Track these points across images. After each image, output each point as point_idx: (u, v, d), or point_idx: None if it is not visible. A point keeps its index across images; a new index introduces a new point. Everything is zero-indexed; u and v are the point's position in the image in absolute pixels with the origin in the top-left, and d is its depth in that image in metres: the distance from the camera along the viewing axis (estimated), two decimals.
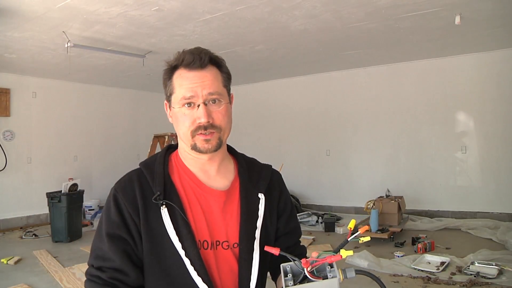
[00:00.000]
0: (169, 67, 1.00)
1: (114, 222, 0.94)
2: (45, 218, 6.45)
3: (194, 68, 0.97)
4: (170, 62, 1.00)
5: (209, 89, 0.96)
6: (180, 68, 0.98)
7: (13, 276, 3.99)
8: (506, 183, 5.66)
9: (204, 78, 0.97)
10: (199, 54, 0.98)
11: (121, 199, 0.96)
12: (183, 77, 0.97)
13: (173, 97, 0.99)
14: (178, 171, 1.03)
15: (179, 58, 0.99)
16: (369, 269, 3.82)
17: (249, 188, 1.05)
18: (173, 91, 0.99)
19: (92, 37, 4.54)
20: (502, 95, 5.70)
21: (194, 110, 0.96)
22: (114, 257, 0.92)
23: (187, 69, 0.97)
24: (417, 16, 4.16)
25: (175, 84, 0.98)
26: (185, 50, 0.99)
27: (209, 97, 0.96)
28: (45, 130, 6.80)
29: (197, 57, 0.97)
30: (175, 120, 1.01)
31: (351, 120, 6.99)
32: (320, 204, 7.25)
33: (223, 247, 0.98)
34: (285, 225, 1.10)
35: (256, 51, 5.45)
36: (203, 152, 0.98)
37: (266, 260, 1.03)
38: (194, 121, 0.96)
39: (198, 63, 0.97)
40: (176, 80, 0.98)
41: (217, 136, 0.98)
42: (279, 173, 1.16)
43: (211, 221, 0.99)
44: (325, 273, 0.79)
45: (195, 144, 0.97)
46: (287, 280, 0.80)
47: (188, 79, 0.96)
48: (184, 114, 0.96)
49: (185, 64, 0.97)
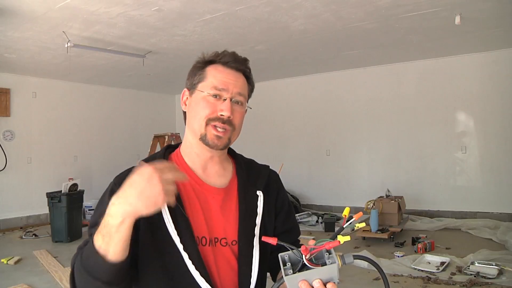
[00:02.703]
0: (204, 60, 1.04)
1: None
2: (45, 218, 6.45)
3: (231, 68, 1.02)
4: (206, 56, 1.05)
5: (239, 89, 1.01)
6: (216, 63, 1.03)
7: (13, 276, 3.99)
8: (506, 183, 5.66)
9: (237, 78, 1.02)
10: (238, 58, 1.04)
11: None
12: (218, 69, 1.02)
13: (202, 84, 1.01)
14: (178, 167, 1.03)
15: (218, 55, 1.03)
16: (369, 269, 3.82)
17: (247, 186, 1.06)
18: (203, 79, 1.02)
19: (92, 37, 4.54)
20: (502, 95, 5.70)
21: (219, 102, 0.99)
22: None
23: (224, 66, 1.02)
24: (417, 16, 4.16)
25: (208, 73, 1.01)
26: (225, 51, 1.04)
27: (236, 96, 1.00)
28: (45, 130, 6.80)
29: (236, 60, 1.03)
30: (193, 105, 1.02)
31: (351, 120, 6.99)
32: (320, 204, 7.25)
33: (222, 244, 0.99)
34: (282, 223, 1.11)
35: (256, 51, 5.45)
36: (210, 146, 0.99)
37: (266, 258, 1.03)
38: (215, 111, 0.98)
39: (236, 65, 1.03)
40: (211, 71, 1.02)
41: (228, 135, 1.00)
42: (276, 173, 1.18)
43: (210, 218, 0.99)
44: (323, 260, 0.80)
45: (205, 134, 0.99)
46: (286, 269, 0.80)
47: (223, 73, 1.01)
48: (207, 101, 0.99)
49: (223, 62, 1.02)
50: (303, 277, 0.78)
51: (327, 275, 0.78)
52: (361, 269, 3.84)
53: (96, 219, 0.88)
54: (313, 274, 0.78)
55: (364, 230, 4.95)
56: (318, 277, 0.78)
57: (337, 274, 0.79)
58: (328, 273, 0.78)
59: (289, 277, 0.79)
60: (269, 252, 1.04)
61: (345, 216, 0.86)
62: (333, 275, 0.79)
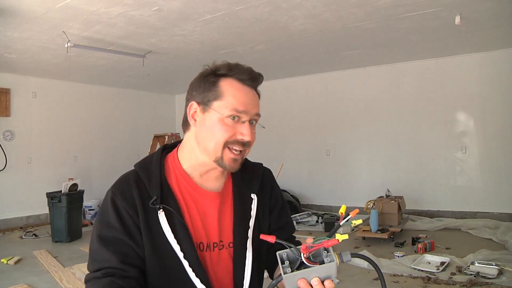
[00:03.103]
0: (215, 72, 0.97)
1: (112, 227, 0.93)
2: (45, 218, 6.45)
3: (248, 85, 0.97)
4: (215, 67, 0.98)
5: (257, 109, 0.98)
6: (231, 78, 0.96)
7: (13, 276, 3.99)
8: (506, 183, 5.66)
9: (255, 98, 0.99)
10: (255, 75, 0.98)
11: (120, 202, 0.95)
12: (236, 88, 0.95)
13: (218, 103, 0.94)
14: (175, 174, 1.02)
15: (230, 68, 0.96)
16: (369, 269, 3.82)
17: (241, 188, 1.06)
18: (220, 97, 0.95)
19: (92, 37, 4.54)
20: (502, 95, 5.70)
21: (238, 124, 0.95)
22: (112, 258, 0.92)
23: (241, 83, 0.96)
24: (417, 16, 4.16)
25: (225, 91, 0.95)
26: (239, 64, 0.98)
27: (254, 117, 0.98)
28: (45, 130, 6.80)
29: (253, 77, 0.97)
30: (209, 126, 0.95)
31: (351, 120, 6.99)
32: (320, 204, 7.25)
33: (218, 248, 0.99)
34: (276, 220, 1.12)
35: (256, 51, 5.45)
36: (226, 169, 0.98)
37: (260, 259, 1.04)
38: (235, 134, 0.95)
39: (254, 84, 0.98)
40: (228, 89, 0.95)
41: (243, 155, 0.99)
42: (269, 170, 1.18)
43: (207, 223, 1.00)
44: (321, 258, 0.80)
45: (221, 157, 0.96)
46: (285, 267, 0.80)
47: (243, 93, 0.96)
48: (226, 124, 0.94)
49: (239, 78, 0.96)
50: (302, 276, 0.79)
51: (325, 273, 0.79)
52: (361, 269, 3.84)
53: (101, 254, 0.92)
54: (311, 272, 0.78)
55: (364, 230, 4.95)
56: (316, 275, 0.78)
57: (335, 272, 0.79)
58: (326, 271, 0.79)
59: (288, 276, 0.79)
60: (264, 253, 1.05)
61: (341, 214, 0.86)
62: (331, 273, 0.79)
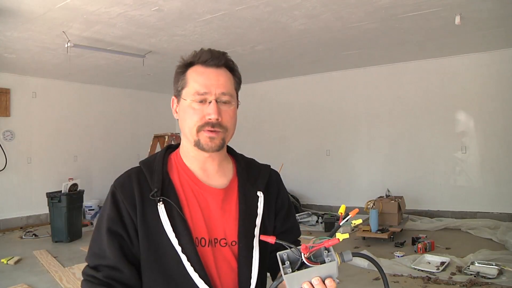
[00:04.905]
0: (184, 63, 1.01)
1: (111, 218, 0.95)
2: (45, 218, 6.45)
3: (210, 66, 0.99)
4: (185, 59, 1.02)
5: (223, 88, 0.97)
6: (196, 65, 1.00)
7: (13, 276, 3.99)
8: (506, 183, 5.66)
9: (219, 77, 0.98)
10: (216, 54, 1.00)
11: (119, 195, 0.97)
12: (198, 72, 0.99)
13: (185, 91, 0.99)
14: (177, 169, 1.04)
15: (195, 55, 1.00)
16: (369, 268, 3.83)
17: (247, 186, 1.06)
18: (185, 85, 0.99)
19: (92, 37, 4.54)
20: (502, 95, 5.70)
21: (205, 106, 0.96)
22: (110, 253, 0.93)
23: (203, 66, 0.99)
24: (417, 16, 4.16)
25: (189, 78, 0.99)
26: (202, 49, 1.01)
27: (221, 97, 0.97)
28: (45, 130, 6.80)
29: (214, 56, 0.99)
30: (182, 114, 1.00)
31: (351, 120, 6.99)
32: (320, 204, 7.25)
33: (221, 244, 0.98)
34: (282, 223, 1.11)
35: (256, 51, 5.45)
36: (205, 150, 0.98)
37: (265, 258, 1.03)
38: (203, 116, 0.96)
39: (215, 62, 0.99)
40: (191, 75, 0.99)
41: (221, 136, 0.98)
42: (277, 172, 1.17)
43: (209, 219, 0.99)
44: (322, 258, 0.80)
45: (198, 140, 0.98)
46: (285, 267, 0.80)
47: (203, 75, 0.98)
48: (193, 108, 0.97)
49: (202, 61, 0.99)
50: (302, 276, 0.78)
51: (326, 273, 0.78)
52: (361, 269, 3.84)
53: (100, 247, 0.95)
54: (312, 272, 0.78)
55: (364, 230, 4.95)
56: (318, 274, 0.78)
57: (336, 271, 0.79)
58: (327, 271, 0.78)
59: (288, 276, 0.79)
60: (269, 253, 1.04)
61: (341, 214, 0.86)
62: (332, 272, 0.79)
